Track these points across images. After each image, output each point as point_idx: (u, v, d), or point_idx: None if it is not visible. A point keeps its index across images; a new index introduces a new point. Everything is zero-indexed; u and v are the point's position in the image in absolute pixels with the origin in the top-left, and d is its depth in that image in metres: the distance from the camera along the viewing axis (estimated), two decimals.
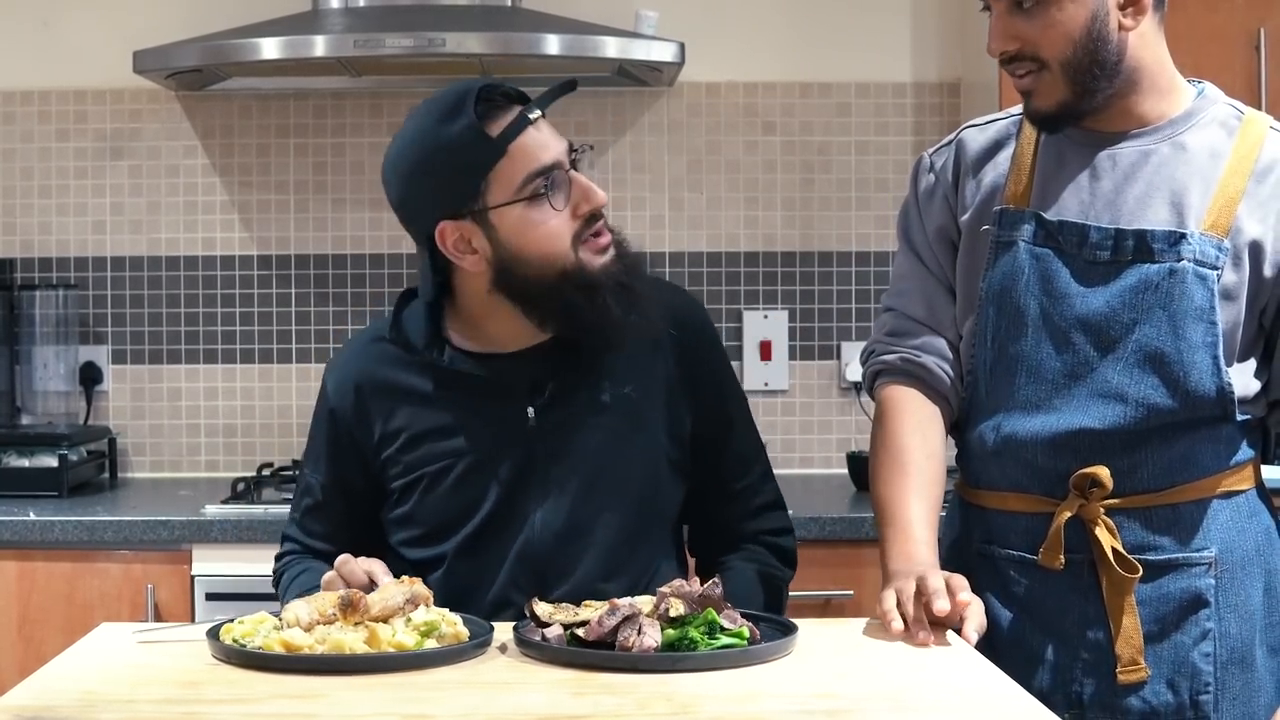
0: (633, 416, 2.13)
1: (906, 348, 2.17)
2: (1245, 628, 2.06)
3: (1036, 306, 2.06)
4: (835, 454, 3.71)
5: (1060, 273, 2.05)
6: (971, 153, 2.17)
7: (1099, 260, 2.03)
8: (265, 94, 3.71)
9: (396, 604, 1.85)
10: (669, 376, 2.16)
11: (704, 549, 2.27)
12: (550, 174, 2.02)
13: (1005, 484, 2.11)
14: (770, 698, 1.66)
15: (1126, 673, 2.03)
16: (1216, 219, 2.01)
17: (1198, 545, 2.04)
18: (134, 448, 3.72)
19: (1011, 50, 2.01)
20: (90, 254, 3.71)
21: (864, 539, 3.03)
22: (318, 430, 2.22)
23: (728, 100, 3.74)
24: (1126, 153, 2.05)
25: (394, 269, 3.71)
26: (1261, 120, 2.07)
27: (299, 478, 2.30)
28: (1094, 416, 2.02)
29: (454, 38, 3.21)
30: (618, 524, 2.13)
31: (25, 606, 3.04)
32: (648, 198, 3.74)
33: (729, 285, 3.74)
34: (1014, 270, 2.07)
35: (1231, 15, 3.26)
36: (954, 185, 2.17)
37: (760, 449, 2.27)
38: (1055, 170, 2.09)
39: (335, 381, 2.19)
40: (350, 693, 1.67)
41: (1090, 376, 2.03)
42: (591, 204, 2.04)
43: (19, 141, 3.71)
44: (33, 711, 1.60)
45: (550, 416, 2.11)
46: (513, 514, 2.11)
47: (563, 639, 1.83)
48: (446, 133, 2.00)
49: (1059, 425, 2.04)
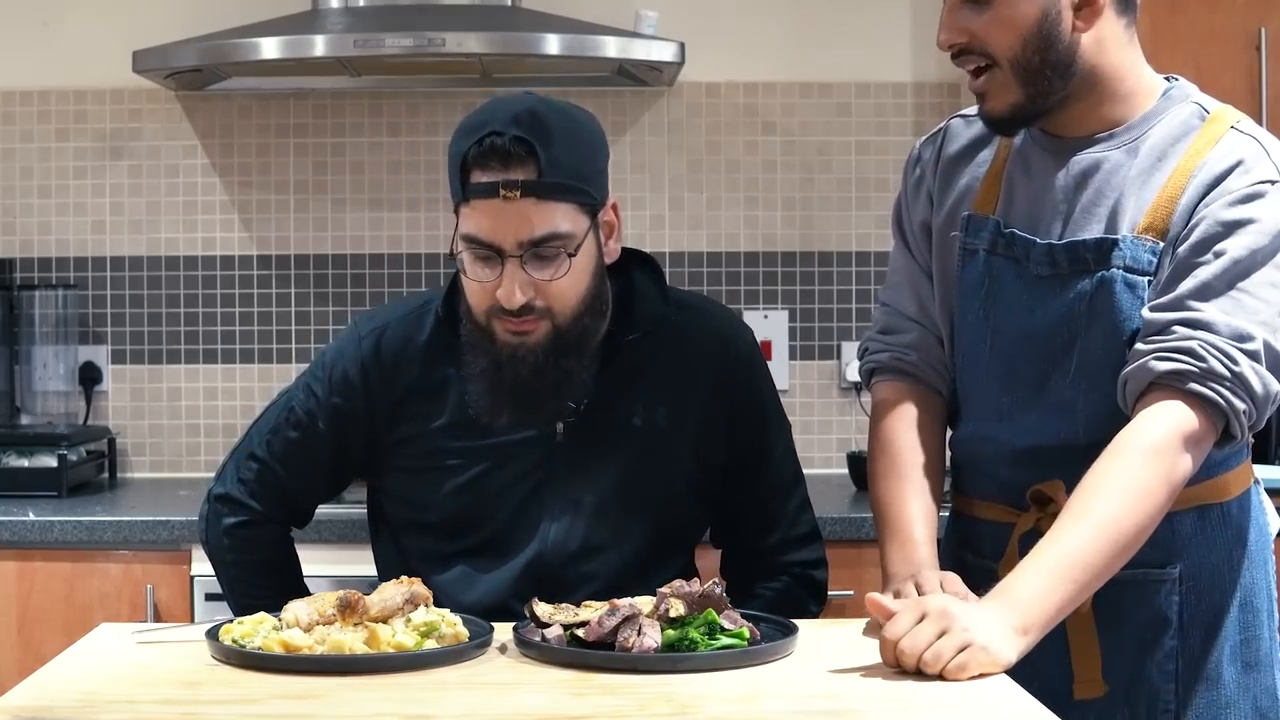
0: (661, 443, 2.12)
1: (898, 345, 2.16)
2: (1213, 645, 2.01)
3: (993, 319, 2.04)
4: (835, 454, 3.71)
5: (1012, 285, 2.02)
6: (953, 148, 2.14)
7: (1041, 275, 2.00)
8: (265, 94, 3.70)
9: (396, 604, 1.85)
10: (705, 406, 2.14)
11: (736, 575, 2.24)
12: (483, 248, 1.98)
13: (975, 492, 2.11)
14: (770, 698, 1.66)
15: (1083, 688, 1.99)
16: (1152, 221, 1.96)
17: (1159, 562, 1.98)
18: (134, 448, 3.72)
19: (960, 43, 1.97)
20: (90, 254, 3.71)
21: (864, 539, 3.03)
22: (331, 381, 2.16)
23: (728, 100, 3.74)
24: (1082, 161, 2.01)
25: (394, 269, 3.70)
26: (1225, 119, 2.00)
27: (257, 428, 2.24)
28: (1048, 431, 2.00)
29: (454, 37, 3.21)
30: (631, 548, 2.12)
31: (25, 607, 3.04)
32: (648, 198, 3.74)
33: (729, 285, 3.74)
34: (976, 279, 2.05)
35: (1231, 15, 3.25)
36: (935, 177, 2.15)
37: (799, 479, 2.25)
38: (1020, 177, 2.06)
39: (378, 341, 2.14)
40: (350, 693, 1.67)
41: (1044, 390, 2.00)
42: (504, 300, 1.98)
43: (19, 141, 3.71)
44: (32, 712, 1.59)
45: (577, 434, 2.10)
46: (526, 525, 2.11)
47: (563, 639, 1.83)
48: (455, 143, 2.00)
49: (1016, 441, 2.02)
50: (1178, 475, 1.86)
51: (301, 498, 2.25)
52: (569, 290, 2.00)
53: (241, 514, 2.22)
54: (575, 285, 2.01)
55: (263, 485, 2.21)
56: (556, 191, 1.97)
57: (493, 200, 1.96)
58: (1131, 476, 1.84)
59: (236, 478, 2.23)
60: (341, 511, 2.35)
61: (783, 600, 2.17)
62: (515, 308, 1.98)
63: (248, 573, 2.23)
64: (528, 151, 1.95)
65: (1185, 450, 1.86)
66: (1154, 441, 1.85)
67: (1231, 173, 1.93)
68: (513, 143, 1.94)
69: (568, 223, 1.98)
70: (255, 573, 2.23)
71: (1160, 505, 1.86)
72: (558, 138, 1.97)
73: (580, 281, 2.02)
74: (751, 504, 2.21)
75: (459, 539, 2.13)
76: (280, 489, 2.21)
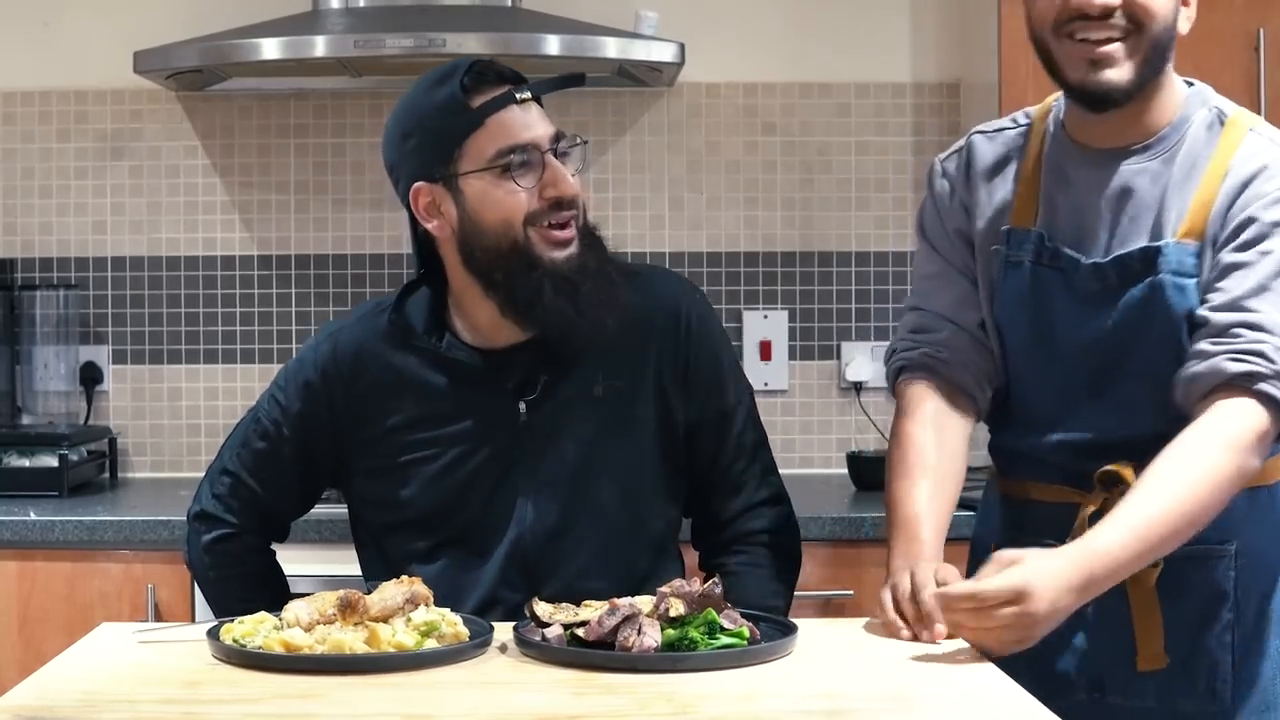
0: (625, 411, 2.14)
1: (929, 344, 2.19)
2: (1263, 618, 2.11)
3: (1044, 329, 2.11)
4: (835, 454, 3.71)
5: (1061, 296, 2.10)
6: (982, 163, 2.20)
7: (1091, 290, 2.08)
8: (265, 94, 3.71)
9: (396, 604, 1.86)
10: (661, 369, 2.16)
11: (704, 542, 2.27)
12: (522, 151, 2.04)
13: (1029, 476, 2.16)
14: (770, 698, 1.67)
15: (1147, 660, 2.08)
16: (1191, 225, 2.05)
17: (1218, 539, 2.06)
18: (134, 448, 3.72)
19: (1117, 4, 2.01)
20: (90, 254, 3.71)
21: (864, 539, 3.03)
22: (293, 388, 2.18)
23: (727, 100, 3.74)
24: (1124, 174, 2.08)
25: (394, 269, 3.70)
26: (1243, 123, 2.09)
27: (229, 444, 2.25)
28: (1110, 428, 2.08)
29: (454, 38, 3.21)
30: (609, 520, 2.13)
31: (25, 606, 3.04)
32: (648, 198, 3.74)
33: (729, 285, 3.74)
34: (1023, 291, 2.12)
35: (1231, 16, 3.25)
36: (967, 191, 2.20)
37: (762, 444, 2.26)
38: (1059, 190, 2.13)
39: (335, 344, 2.17)
40: (350, 692, 1.67)
41: (1102, 393, 2.09)
42: (559, 190, 2.05)
43: (19, 142, 3.71)
44: (32, 711, 1.60)
45: (541, 411, 2.11)
46: (503, 510, 2.12)
47: (563, 639, 1.83)
48: (430, 98, 2.06)
49: (1077, 438, 2.10)
50: (1249, 469, 1.97)
51: (275, 509, 2.25)
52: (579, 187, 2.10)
53: (218, 528, 2.22)
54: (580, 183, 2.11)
55: (237, 498, 2.22)
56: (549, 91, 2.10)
57: (510, 109, 2.05)
58: (1210, 464, 1.94)
59: (211, 494, 2.24)
60: (340, 511, 2.35)
61: (755, 571, 2.18)
62: (574, 194, 2.06)
63: (230, 587, 2.23)
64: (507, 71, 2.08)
65: (1257, 446, 1.98)
66: (1234, 436, 1.95)
67: (1258, 176, 2.04)
68: (490, 67, 2.07)
69: None
70: (238, 586, 2.23)
71: (1228, 495, 1.97)
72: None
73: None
74: (716, 468, 2.21)
75: (436, 532, 2.14)
76: (254, 501, 2.22)
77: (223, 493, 2.22)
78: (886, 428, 3.72)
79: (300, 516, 2.31)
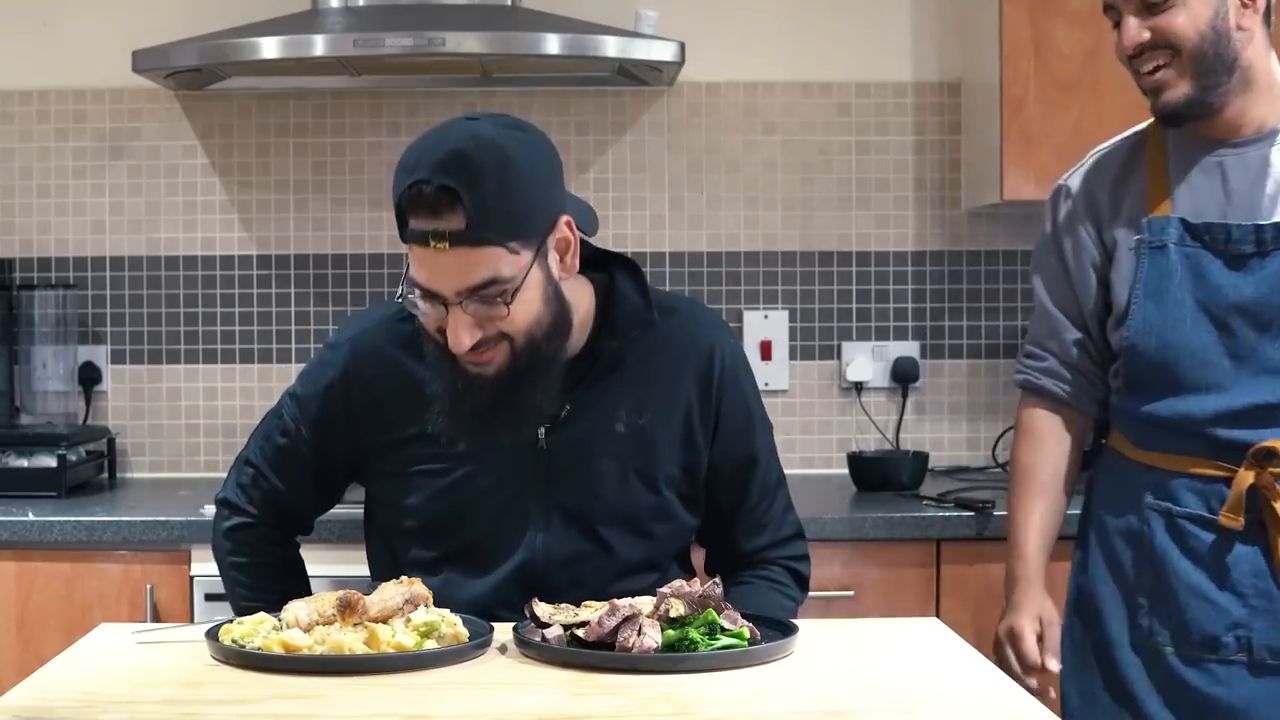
0: (645, 448, 2.12)
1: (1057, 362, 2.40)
2: None
3: (1192, 299, 2.24)
4: (835, 454, 3.71)
5: (1210, 266, 2.23)
6: (1107, 173, 2.36)
7: (1244, 253, 2.22)
8: (265, 94, 3.70)
9: (395, 604, 1.85)
10: (689, 408, 2.15)
11: (719, 569, 2.25)
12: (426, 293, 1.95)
13: (1173, 449, 2.28)
14: (770, 698, 1.66)
15: None
16: None
17: None
18: (133, 448, 3.72)
19: (1145, 40, 2.20)
20: (90, 254, 3.71)
21: (864, 539, 3.03)
22: (312, 390, 2.18)
23: (728, 100, 3.74)
24: (1251, 157, 2.25)
25: (394, 269, 3.70)
26: None
27: (255, 435, 2.26)
28: (1264, 391, 2.21)
29: (454, 37, 3.21)
30: (621, 556, 2.12)
31: (24, 607, 3.04)
32: (648, 197, 3.73)
33: (729, 285, 3.73)
34: (1167, 269, 2.25)
35: None
36: (1095, 204, 2.35)
37: (782, 480, 2.27)
38: (1189, 178, 2.28)
39: (355, 348, 2.15)
40: (350, 693, 1.67)
41: (1253, 356, 2.22)
42: (453, 349, 1.97)
43: (18, 141, 3.70)
44: (32, 712, 1.59)
45: (560, 441, 2.10)
46: (510, 532, 2.11)
47: (563, 639, 1.83)
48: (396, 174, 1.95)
49: (1230, 403, 2.22)
50: None
51: (292, 504, 2.25)
52: (521, 319, 1.97)
53: (238, 517, 2.24)
54: (527, 314, 1.97)
55: (257, 490, 2.23)
56: (486, 239, 1.91)
57: (427, 249, 1.92)
58: None
59: (235, 482, 2.26)
60: (341, 511, 2.35)
61: (770, 585, 2.20)
62: (464, 351, 1.97)
63: (246, 575, 2.24)
64: (453, 200, 1.89)
65: None
66: None
67: None
68: (439, 192, 1.89)
69: (506, 266, 1.93)
70: (254, 576, 2.24)
71: None
72: (487, 180, 1.90)
73: (532, 310, 1.98)
74: (742, 509, 2.21)
75: (441, 544, 2.14)
76: (273, 494, 2.23)
77: (245, 483, 2.24)
78: (886, 428, 3.76)
79: (322, 513, 2.31)
